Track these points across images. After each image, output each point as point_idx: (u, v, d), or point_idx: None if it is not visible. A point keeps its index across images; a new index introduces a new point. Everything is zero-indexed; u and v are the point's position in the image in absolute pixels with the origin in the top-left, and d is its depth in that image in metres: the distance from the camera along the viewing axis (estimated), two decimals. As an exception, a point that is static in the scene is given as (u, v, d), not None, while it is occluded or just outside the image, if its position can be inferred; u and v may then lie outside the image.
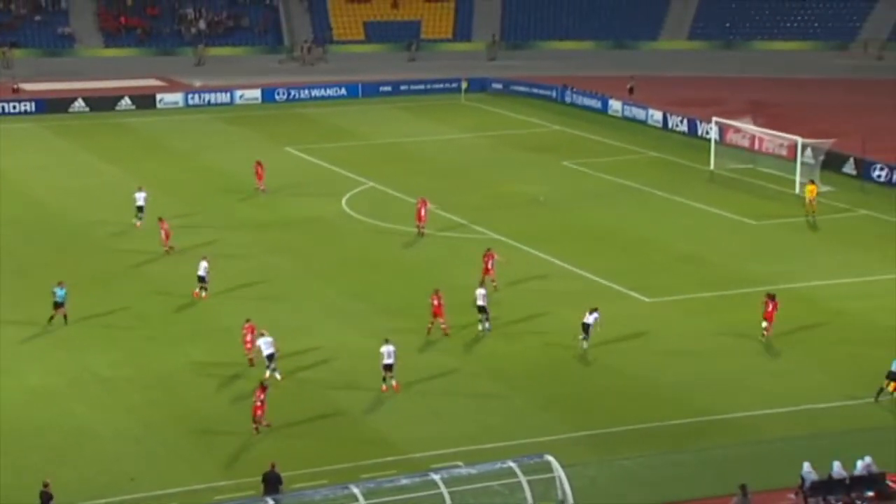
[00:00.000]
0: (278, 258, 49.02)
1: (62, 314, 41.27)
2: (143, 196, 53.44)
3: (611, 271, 46.55)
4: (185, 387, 36.79)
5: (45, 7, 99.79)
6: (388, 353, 36.10)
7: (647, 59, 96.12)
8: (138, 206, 53.20)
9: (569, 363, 38.43)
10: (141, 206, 53.15)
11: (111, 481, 30.93)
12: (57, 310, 41.20)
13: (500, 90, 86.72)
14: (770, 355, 39.00)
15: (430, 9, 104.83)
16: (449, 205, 56.03)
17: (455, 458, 31.50)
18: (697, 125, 70.94)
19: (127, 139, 72.55)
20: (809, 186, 54.64)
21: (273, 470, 29.46)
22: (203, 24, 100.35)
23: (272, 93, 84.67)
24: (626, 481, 30.55)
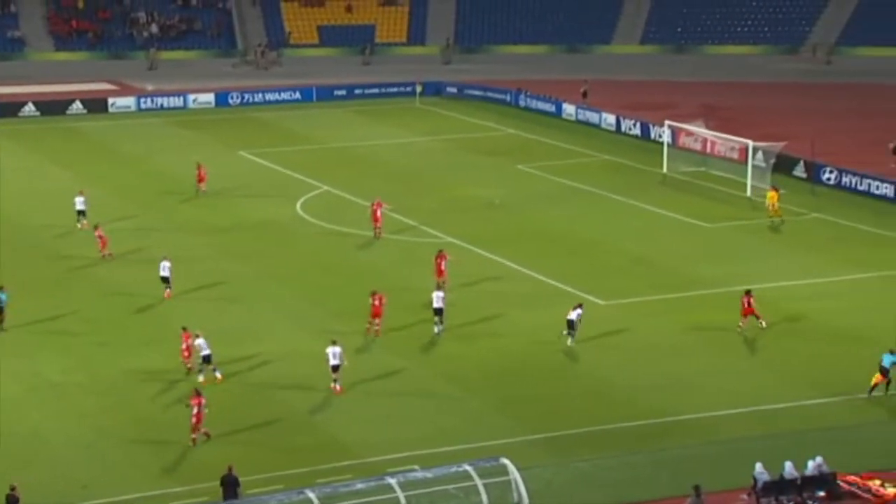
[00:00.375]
0: (233, 262, 48.75)
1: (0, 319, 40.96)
2: (81, 200, 53.26)
3: (565, 274, 46.70)
4: (138, 392, 36.46)
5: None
6: (333, 354, 36.27)
7: (601, 63, 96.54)
8: (78, 209, 53.08)
9: (524, 365, 38.50)
10: (81, 210, 53.01)
11: (64, 488, 30.67)
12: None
13: (454, 94, 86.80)
14: (721, 356, 39.27)
15: (384, 13, 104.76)
16: (404, 208, 55.97)
17: (411, 461, 31.45)
18: (650, 129, 71.36)
19: (78, 143, 71.89)
20: (770, 193, 54.97)
21: (231, 473, 29.33)
22: (155, 27, 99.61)
23: (226, 97, 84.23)
24: (581, 483, 30.64)
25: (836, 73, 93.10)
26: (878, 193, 58.22)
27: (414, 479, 28.46)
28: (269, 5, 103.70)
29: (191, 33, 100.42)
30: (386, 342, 40.22)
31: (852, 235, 52.65)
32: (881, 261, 48.42)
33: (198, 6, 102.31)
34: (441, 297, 40.98)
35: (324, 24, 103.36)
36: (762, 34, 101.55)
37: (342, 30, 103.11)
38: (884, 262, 48.30)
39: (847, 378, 37.13)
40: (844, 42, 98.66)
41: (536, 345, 40.05)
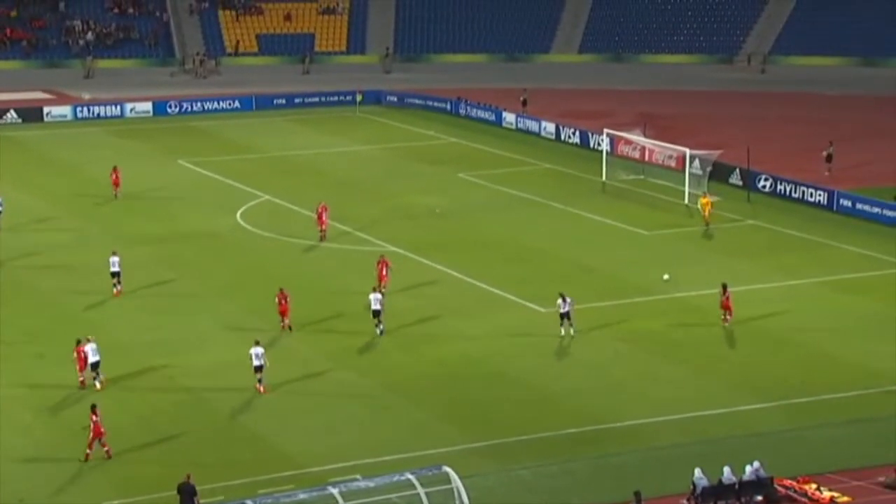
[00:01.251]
0: (172, 271, 48.37)
1: None
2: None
3: (506, 281, 46.89)
4: (76, 403, 36.03)
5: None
6: (256, 354, 36.52)
7: (540, 72, 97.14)
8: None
9: (465, 373, 38.59)
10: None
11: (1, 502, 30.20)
12: None
13: (394, 103, 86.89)
14: (660, 363, 39.60)
15: (323, 22, 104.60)
16: (345, 216, 55.92)
17: (353, 471, 31.41)
18: (589, 137, 71.89)
19: (13, 153, 70.92)
20: (703, 200, 55.60)
21: (188, 481, 29.13)
22: (91, 35, 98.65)
23: (164, 106, 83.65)
24: (523, 490, 30.77)
25: (770, 82, 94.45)
26: (811, 200, 59.08)
27: (356, 489, 28.42)
28: (206, 14, 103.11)
29: (128, 42, 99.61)
30: (327, 351, 40.12)
31: (787, 242, 53.38)
32: (815, 267, 49.15)
33: (134, 14, 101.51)
34: (378, 300, 41.12)
35: (262, 33, 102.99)
36: (698, 44, 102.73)
37: (281, 38, 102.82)
38: (817, 268, 49.03)
39: (782, 383, 37.63)
40: (778, 51, 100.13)
41: (477, 352, 40.15)
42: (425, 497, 28.21)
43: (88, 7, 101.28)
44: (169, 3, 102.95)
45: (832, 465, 31.66)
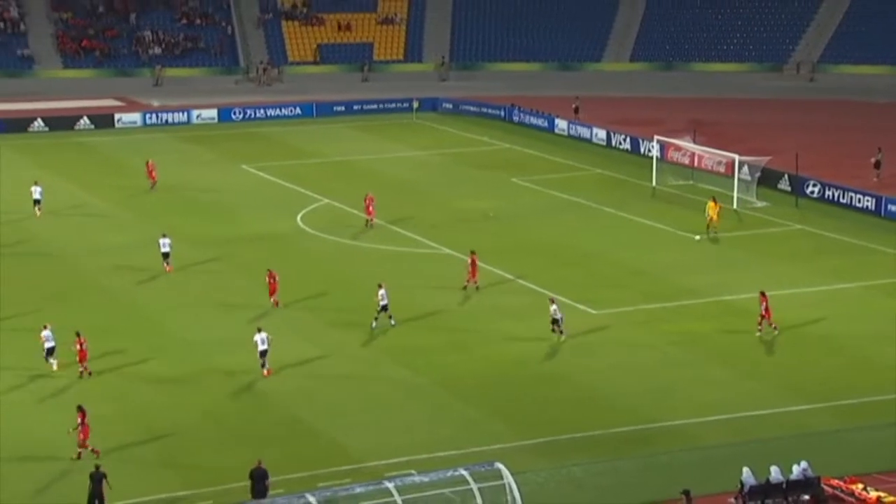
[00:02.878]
0: (234, 272, 48.74)
1: None
2: (38, 190, 57.21)
3: (558, 284, 46.75)
4: (145, 399, 36.43)
5: (4, 29, 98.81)
6: (261, 340, 37.45)
7: (592, 81, 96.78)
8: (35, 199, 56.81)
9: (517, 373, 38.54)
10: (37, 200, 56.88)
11: (68, 495, 30.50)
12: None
13: (450, 110, 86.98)
14: (710, 365, 39.31)
15: (381, 31, 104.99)
16: (401, 220, 56.12)
17: (408, 466, 31.47)
18: (640, 143, 71.50)
19: (85, 157, 71.85)
20: (711, 203, 54.67)
21: (260, 466, 29.34)
22: (160, 46, 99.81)
23: (228, 112, 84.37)
24: (573, 487, 30.66)
25: (818, 90, 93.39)
26: (859, 206, 58.36)
27: (411, 484, 28.47)
28: (270, 25, 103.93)
29: (195, 51, 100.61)
30: (383, 350, 40.25)
31: (834, 246, 52.76)
32: (861, 271, 48.54)
33: (202, 25, 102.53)
34: (384, 295, 41.73)
35: (323, 43, 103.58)
36: (747, 52, 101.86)
37: (341, 48, 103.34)
38: (864, 272, 48.42)
39: (829, 385, 37.23)
40: (827, 60, 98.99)
41: (529, 353, 40.09)
42: (478, 492, 28.21)
43: (158, 19, 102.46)
44: (234, 14, 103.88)
45: (879, 466, 31.26)
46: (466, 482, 28.31)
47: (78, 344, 37.60)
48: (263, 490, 29.26)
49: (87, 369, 37.73)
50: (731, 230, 55.48)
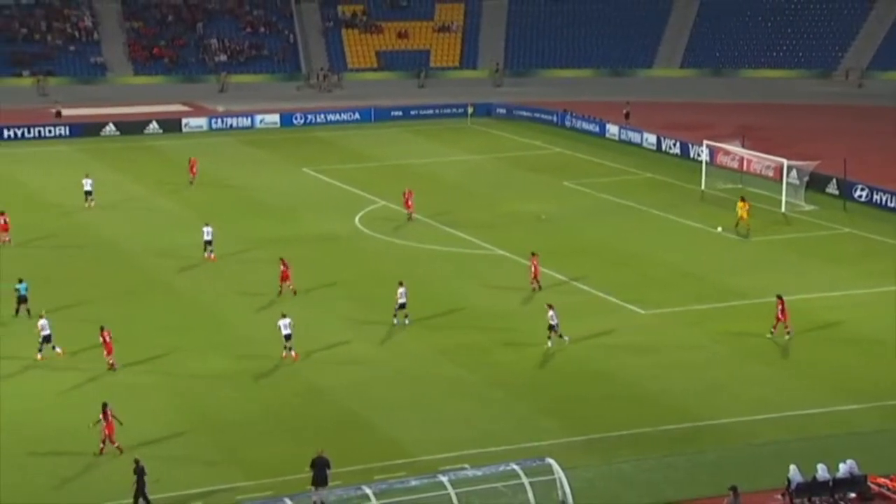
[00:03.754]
0: (295, 272, 48.91)
1: (26, 308, 42.61)
2: (89, 182, 59.16)
3: (609, 285, 46.47)
4: (208, 393, 36.72)
5: (79, 38, 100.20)
6: (284, 325, 38.41)
7: (642, 86, 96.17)
8: (86, 190, 58.87)
9: (568, 371, 38.35)
10: (88, 192, 58.95)
11: (138, 482, 30.84)
12: (21, 304, 42.72)
13: (504, 115, 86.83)
14: (757, 364, 38.87)
15: (438, 39, 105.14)
16: (456, 222, 56.12)
17: (461, 460, 31.41)
18: (689, 148, 70.91)
19: (154, 160, 72.63)
20: (740, 203, 54.41)
21: (321, 455, 29.39)
22: (226, 53, 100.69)
23: (290, 117, 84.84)
24: (622, 483, 30.44)
25: (867, 96, 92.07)
26: (907, 210, 57.47)
27: (465, 478, 28.44)
28: (331, 33, 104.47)
29: (259, 58, 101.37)
30: (437, 347, 40.22)
31: (882, 249, 51.95)
32: (910, 274, 47.75)
33: (265, 33, 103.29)
34: (404, 293, 41.71)
35: (382, 50, 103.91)
36: (796, 59, 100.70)
37: (399, 55, 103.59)
38: (913, 275, 47.63)
39: (875, 384, 36.66)
40: (875, 67, 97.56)
41: (579, 352, 39.86)
42: (529, 487, 28.10)
43: (224, 27, 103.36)
44: (297, 23, 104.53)
45: (926, 466, 30.70)
46: (518, 477, 28.23)
47: (103, 337, 37.95)
48: (324, 478, 29.30)
49: (112, 363, 37.97)
50: (779, 233, 54.84)
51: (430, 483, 28.09)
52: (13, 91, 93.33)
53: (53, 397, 36.37)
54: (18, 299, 42.96)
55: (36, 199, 61.61)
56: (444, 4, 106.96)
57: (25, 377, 37.90)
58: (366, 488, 27.52)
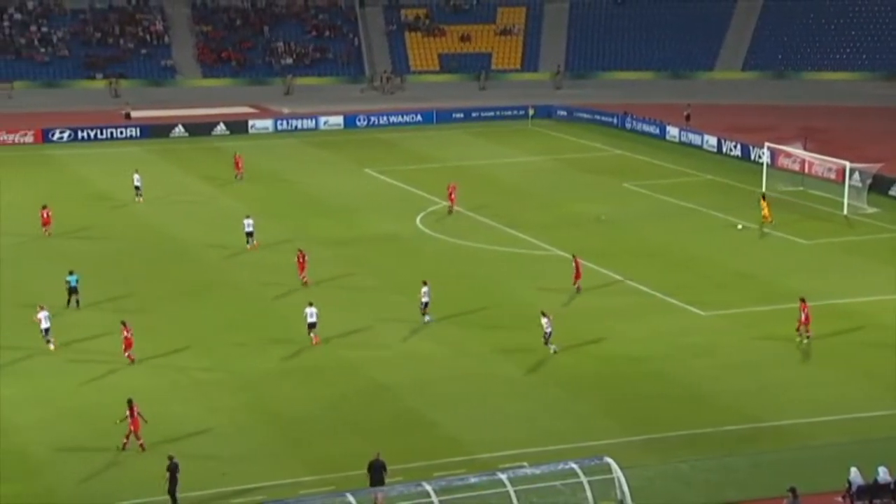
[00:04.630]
0: (356, 271, 49.21)
1: (75, 299, 43.57)
2: (138, 178, 61.43)
3: (668, 286, 46.11)
4: (272, 389, 37.03)
5: (150, 42, 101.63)
6: (311, 313, 39.74)
7: (703, 89, 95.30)
8: (135, 186, 61.02)
9: (626, 372, 38.12)
10: (137, 187, 61.07)
11: (205, 475, 31.18)
12: (71, 295, 43.58)
13: (564, 117, 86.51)
14: (817, 366, 38.36)
15: (500, 42, 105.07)
16: (516, 222, 56.03)
17: (520, 458, 31.36)
18: (750, 150, 70.13)
19: (221, 161, 73.37)
20: (763, 202, 54.87)
21: (378, 458, 29.50)
22: (292, 56, 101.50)
23: (354, 119, 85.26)
24: (680, 483, 30.19)
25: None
26: (972, 213, 56.30)
27: (523, 476, 28.38)
28: (394, 36, 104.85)
29: (323, 61, 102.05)
30: (497, 347, 40.18)
31: (946, 253, 50.95)
32: (975, 277, 46.78)
33: (330, 37, 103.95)
34: (427, 292, 41.83)
35: (444, 52, 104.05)
36: (860, 61, 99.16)
37: (461, 57, 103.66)
38: (977, 278, 46.66)
39: (940, 389, 35.97)
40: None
41: (638, 352, 39.62)
42: (588, 486, 27.97)
43: (290, 31, 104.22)
44: (361, 26, 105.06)
45: None
46: (576, 475, 28.12)
47: (124, 333, 38.46)
48: (381, 481, 29.39)
49: (131, 357, 38.45)
50: (840, 235, 54.04)
51: (490, 480, 28.08)
52: (87, 93, 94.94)
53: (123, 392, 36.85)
54: (69, 290, 43.81)
55: (98, 197, 62.47)
56: (506, 8, 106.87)
57: (80, 368, 38.42)
58: (426, 485, 27.58)
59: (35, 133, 78.37)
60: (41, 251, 52.13)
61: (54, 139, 78.49)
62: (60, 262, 47.55)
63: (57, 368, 38.45)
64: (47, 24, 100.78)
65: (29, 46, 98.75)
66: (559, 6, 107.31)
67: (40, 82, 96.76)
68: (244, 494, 30.02)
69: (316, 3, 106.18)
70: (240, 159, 67.07)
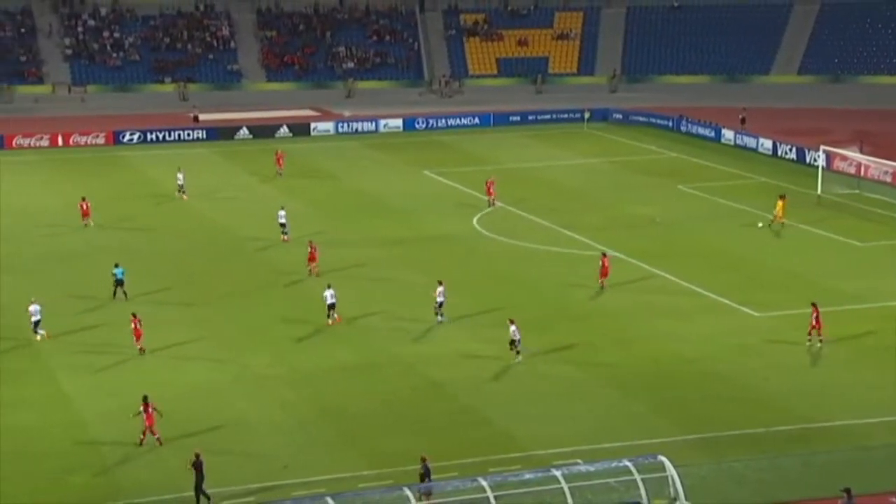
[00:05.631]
0: (413, 271, 49.27)
1: (122, 291, 44.44)
2: (181, 176, 62.08)
3: (722, 287, 45.64)
4: (332, 385, 37.22)
5: (216, 47, 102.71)
6: (329, 295, 41.39)
7: (759, 92, 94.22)
8: (178, 184, 61.87)
9: (679, 371, 37.78)
10: (180, 185, 61.82)
11: (267, 468, 31.42)
12: (117, 287, 44.43)
13: (620, 120, 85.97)
14: (871, 368, 37.70)
15: (557, 46, 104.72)
16: (571, 223, 55.79)
17: (574, 455, 31.22)
18: (805, 153, 69.18)
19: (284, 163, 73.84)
20: (780, 202, 54.35)
21: (424, 464, 29.14)
22: (353, 60, 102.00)
23: (413, 122, 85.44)
24: (733, 482, 29.86)
25: None
26: None
27: (577, 472, 28.24)
28: (453, 40, 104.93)
29: (383, 65, 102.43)
30: (550, 346, 40.01)
31: None
32: None
33: (390, 41, 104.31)
34: (442, 292, 41.91)
35: (502, 57, 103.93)
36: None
37: (518, 62, 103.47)
38: None
39: None
40: None
41: (691, 352, 39.25)
42: (641, 483, 27.77)
43: (351, 36, 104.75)
44: (420, 31, 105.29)
45: None
46: (630, 473, 27.92)
47: (133, 324, 38.92)
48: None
49: (142, 348, 38.91)
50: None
51: (544, 477, 27.98)
52: (156, 96, 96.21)
53: (186, 387, 37.24)
54: (115, 283, 44.58)
55: (165, 196, 63.24)
56: (563, 13, 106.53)
57: (143, 362, 38.90)
58: (481, 480, 27.54)
59: (106, 135, 79.53)
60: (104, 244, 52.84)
61: (125, 141, 79.60)
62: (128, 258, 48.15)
63: (124, 362, 38.93)
64: (119, 30, 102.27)
65: (102, 51, 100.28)
66: (616, 11, 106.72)
67: (112, 86, 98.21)
68: (305, 487, 30.17)
69: (377, 9, 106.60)
70: (282, 156, 68.41)
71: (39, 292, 43.12)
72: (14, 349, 40.19)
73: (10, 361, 39.10)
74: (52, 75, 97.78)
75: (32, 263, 50.42)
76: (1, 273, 48.76)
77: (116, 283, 44.64)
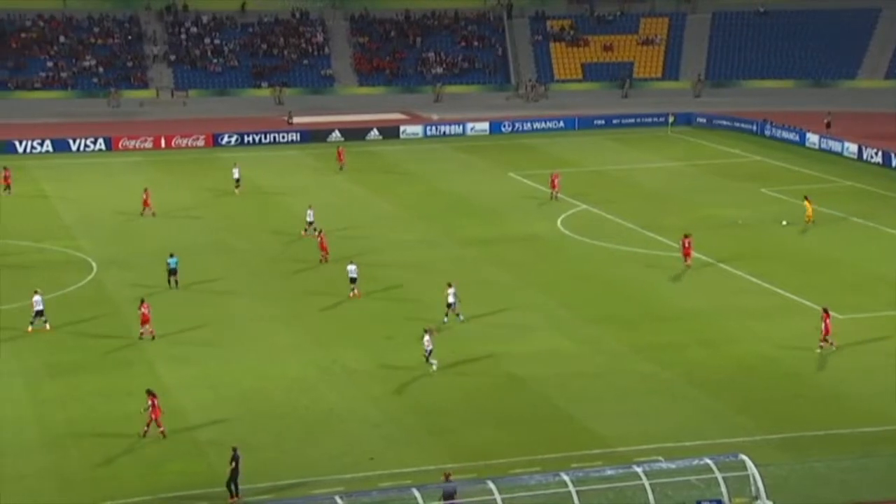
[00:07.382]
0: (499, 270, 49.21)
1: (175, 280, 45.35)
2: (237, 171, 63.42)
3: (804, 288, 44.75)
4: (419, 380, 37.32)
5: (311, 52, 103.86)
6: (352, 270, 43.83)
7: (845, 97, 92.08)
8: (235, 178, 63.32)
9: (762, 371, 37.13)
10: (237, 179, 63.30)
11: (354, 460, 31.64)
12: (171, 276, 45.33)
13: (703, 124, 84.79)
14: (959, 372, 36.57)
15: (642, 51, 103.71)
16: (654, 225, 55.18)
17: (655, 453, 30.88)
18: (892, 157, 67.44)
19: (374, 164, 74.45)
20: (807, 203, 54.25)
21: (448, 480, 28.34)
22: (442, 65, 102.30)
23: (499, 125, 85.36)
24: (816, 482, 29.24)
25: None
26: None
27: (659, 469, 27.94)
28: (540, 45, 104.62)
29: (471, 70, 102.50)
30: (633, 344, 39.64)
31: None
32: None
33: (478, 47, 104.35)
34: (453, 293, 41.40)
35: (587, 62, 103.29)
36: None
37: (603, 66, 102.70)
38: None
39: None
40: None
41: (774, 352, 38.55)
42: (722, 482, 27.36)
43: (440, 42, 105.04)
44: (508, 37, 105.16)
45: None
46: (711, 471, 27.54)
47: (140, 309, 39.44)
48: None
49: (152, 332, 39.45)
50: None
51: (625, 473, 27.73)
52: (253, 101, 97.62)
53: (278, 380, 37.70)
54: (169, 272, 45.29)
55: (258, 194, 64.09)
56: (648, 18, 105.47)
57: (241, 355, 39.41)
58: (564, 475, 27.41)
59: (206, 137, 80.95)
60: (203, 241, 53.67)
61: (223, 143, 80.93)
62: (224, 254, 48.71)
63: (216, 354, 39.54)
64: (220, 37, 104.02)
65: (203, 57, 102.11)
66: (701, 17, 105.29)
67: (212, 90, 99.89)
68: (392, 479, 30.30)
69: (466, 16, 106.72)
70: (342, 151, 71.06)
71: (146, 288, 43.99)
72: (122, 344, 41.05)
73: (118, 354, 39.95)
74: (156, 80, 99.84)
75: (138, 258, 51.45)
76: (110, 267, 49.76)
77: (170, 273, 45.31)
